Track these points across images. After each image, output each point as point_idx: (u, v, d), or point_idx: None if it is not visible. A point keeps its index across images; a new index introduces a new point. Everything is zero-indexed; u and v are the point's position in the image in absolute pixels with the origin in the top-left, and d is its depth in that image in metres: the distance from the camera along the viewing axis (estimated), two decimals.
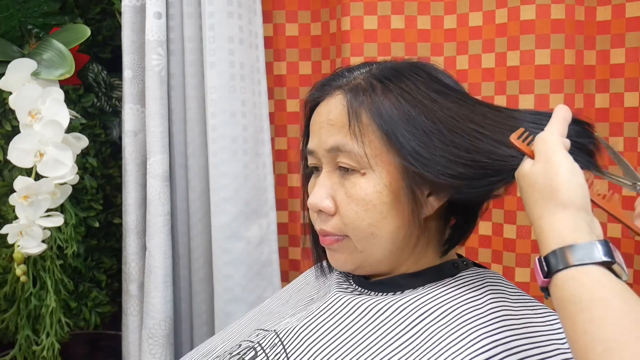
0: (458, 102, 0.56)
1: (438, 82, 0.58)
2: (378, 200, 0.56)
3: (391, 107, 0.55)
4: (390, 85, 0.56)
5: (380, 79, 0.57)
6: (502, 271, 0.93)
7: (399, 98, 0.55)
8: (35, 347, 1.00)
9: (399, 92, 0.56)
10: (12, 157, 0.84)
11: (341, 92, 0.59)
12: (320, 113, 0.60)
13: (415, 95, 0.55)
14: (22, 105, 0.85)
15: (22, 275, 0.89)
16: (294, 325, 0.60)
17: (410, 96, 0.55)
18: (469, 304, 0.55)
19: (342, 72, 0.62)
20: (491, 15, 0.91)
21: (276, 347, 0.59)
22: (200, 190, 1.02)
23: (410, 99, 0.55)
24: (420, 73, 0.58)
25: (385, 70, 0.59)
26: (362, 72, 0.60)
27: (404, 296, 0.58)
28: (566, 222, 0.45)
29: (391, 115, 0.55)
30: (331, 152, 0.58)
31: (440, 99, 0.56)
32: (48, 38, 0.95)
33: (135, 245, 1.02)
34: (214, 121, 0.96)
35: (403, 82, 0.56)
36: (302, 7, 1.05)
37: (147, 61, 0.97)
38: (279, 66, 1.06)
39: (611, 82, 0.89)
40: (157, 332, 0.98)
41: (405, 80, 0.57)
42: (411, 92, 0.56)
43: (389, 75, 0.58)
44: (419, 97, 0.55)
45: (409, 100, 0.55)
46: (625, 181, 0.54)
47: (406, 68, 0.59)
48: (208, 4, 0.95)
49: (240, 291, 0.98)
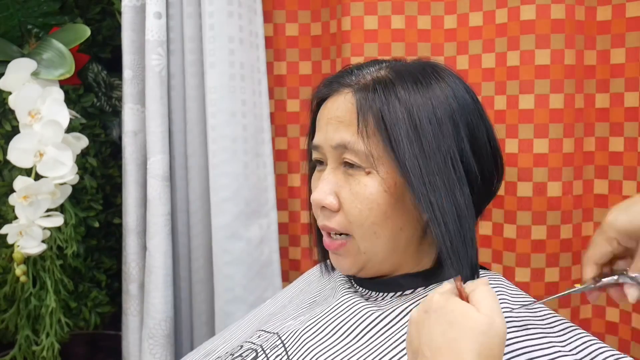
0: (459, 139, 0.57)
1: (446, 101, 0.57)
2: (382, 200, 0.56)
3: (397, 117, 0.55)
4: (400, 92, 0.56)
5: (390, 82, 0.57)
6: (502, 271, 0.93)
7: (408, 108, 0.55)
8: (35, 347, 1.00)
9: (406, 103, 0.55)
10: (12, 157, 0.84)
11: (350, 90, 0.59)
12: (329, 109, 0.60)
13: (422, 111, 0.55)
14: (22, 105, 0.85)
15: (22, 275, 0.89)
16: (296, 328, 0.60)
17: (416, 110, 0.55)
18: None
19: (351, 70, 0.61)
20: (491, 15, 0.91)
21: (278, 349, 0.59)
22: (200, 190, 1.02)
23: (416, 112, 0.55)
24: (430, 83, 0.57)
25: (396, 72, 0.58)
26: (372, 70, 0.60)
27: (404, 301, 0.58)
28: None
29: (397, 124, 0.55)
30: (337, 149, 0.58)
31: (445, 127, 0.56)
32: (48, 38, 0.95)
33: (135, 245, 1.02)
34: (214, 121, 0.96)
35: (411, 92, 0.56)
36: (303, 7, 1.05)
37: (147, 61, 0.97)
38: (279, 66, 1.06)
39: (611, 82, 0.89)
40: (157, 332, 0.98)
41: (414, 89, 0.56)
42: (419, 107, 0.55)
43: (399, 79, 0.57)
44: (425, 113, 0.55)
45: (414, 114, 0.55)
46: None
47: (418, 71, 0.58)
48: (208, 4, 0.95)
49: (241, 291, 0.98)
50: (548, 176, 0.89)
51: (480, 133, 0.59)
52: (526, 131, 0.89)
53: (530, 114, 0.88)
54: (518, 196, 0.90)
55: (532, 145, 0.89)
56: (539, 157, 0.89)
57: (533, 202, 0.89)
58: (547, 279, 0.91)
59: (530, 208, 0.90)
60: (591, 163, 0.92)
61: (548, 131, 0.88)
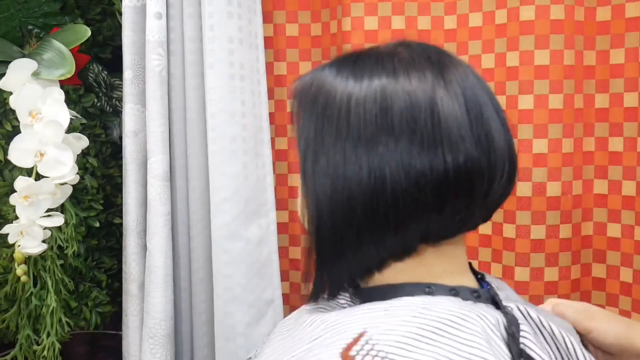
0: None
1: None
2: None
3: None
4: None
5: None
6: (502, 270, 0.93)
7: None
8: (35, 347, 1.00)
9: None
10: (12, 157, 0.84)
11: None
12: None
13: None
14: (23, 105, 0.86)
15: (23, 275, 0.89)
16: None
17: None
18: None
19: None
20: (491, 16, 0.91)
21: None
22: (200, 190, 1.02)
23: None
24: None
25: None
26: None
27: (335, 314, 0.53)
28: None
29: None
30: None
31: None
32: (48, 38, 0.95)
33: (135, 245, 1.02)
34: (213, 121, 0.96)
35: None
36: (303, 8, 1.05)
37: (148, 61, 0.97)
38: (279, 66, 1.06)
39: (611, 83, 0.89)
40: (158, 331, 0.99)
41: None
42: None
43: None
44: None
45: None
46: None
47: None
48: (208, 5, 0.95)
49: (240, 291, 0.98)
50: (547, 176, 0.89)
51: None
52: (526, 131, 0.89)
53: (529, 114, 0.89)
54: (517, 196, 0.90)
55: (531, 145, 0.89)
56: (538, 157, 0.89)
57: (532, 202, 0.90)
58: (546, 279, 0.91)
59: (530, 208, 0.90)
60: (591, 163, 0.92)
61: (547, 131, 0.88)
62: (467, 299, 0.50)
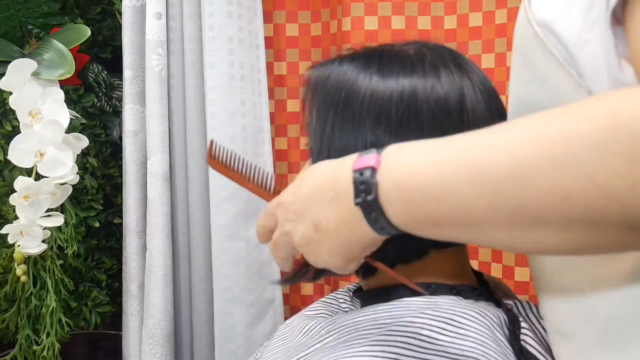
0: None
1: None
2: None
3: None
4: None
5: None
6: (502, 270, 0.93)
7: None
8: (35, 347, 1.00)
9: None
10: (12, 157, 0.84)
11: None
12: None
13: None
14: (23, 105, 0.86)
15: (23, 275, 0.89)
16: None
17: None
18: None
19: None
20: (491, 16, 0.91)
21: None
22: (200, 190, 1.02)
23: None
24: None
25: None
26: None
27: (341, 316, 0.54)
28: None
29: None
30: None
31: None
32: (48, 38, 0.95)
33: (135, 245, 1.02)
34: (213, 121, 0.96)
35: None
36: (303, 8, 1.05)
37: (147, 61, 0.97)
38: (279, 66, 1.06)
39: None
40: (158, 331, 0.98)
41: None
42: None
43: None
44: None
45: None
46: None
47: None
48: (208, 4, 0.95)
49: (240, 291, 0.98)
50: None
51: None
52: None
53: None
54: None
55: None
56: None
57: None
58: None
59: None
60: None
61: None
62: (469, 297, 0.50)
